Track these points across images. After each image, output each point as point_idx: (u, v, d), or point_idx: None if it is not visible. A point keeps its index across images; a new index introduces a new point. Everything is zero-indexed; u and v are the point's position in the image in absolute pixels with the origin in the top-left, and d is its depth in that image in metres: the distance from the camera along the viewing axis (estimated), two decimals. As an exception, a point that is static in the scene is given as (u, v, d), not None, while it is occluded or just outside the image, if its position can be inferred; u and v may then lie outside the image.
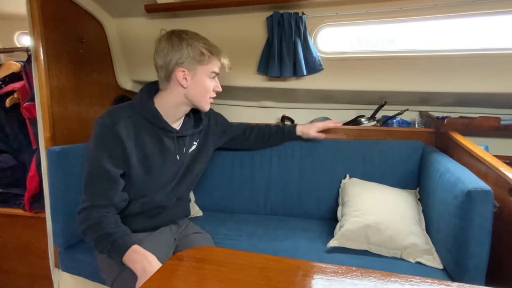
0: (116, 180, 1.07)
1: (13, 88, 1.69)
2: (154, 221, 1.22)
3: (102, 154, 1.05)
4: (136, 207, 1.16)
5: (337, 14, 1.54)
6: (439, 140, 1.55)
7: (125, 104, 1.17)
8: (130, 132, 1.09)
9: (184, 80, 1.11)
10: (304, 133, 1.57)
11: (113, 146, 1.06)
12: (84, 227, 1.02)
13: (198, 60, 1.11)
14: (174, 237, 1.26)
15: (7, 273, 1.76)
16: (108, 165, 1.05)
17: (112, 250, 0.98)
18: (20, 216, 1.65)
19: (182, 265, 0.76)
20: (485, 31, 1.48)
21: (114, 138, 1.06)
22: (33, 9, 1.37)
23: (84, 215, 1.03)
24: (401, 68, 1.59)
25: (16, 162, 1.82)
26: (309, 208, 1.62)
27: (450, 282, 0.68)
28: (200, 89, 1.15)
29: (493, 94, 1.54)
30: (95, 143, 1.07)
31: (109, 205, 1.05)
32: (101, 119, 1.09)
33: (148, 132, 1.13)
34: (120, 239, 0.99)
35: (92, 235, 1.01)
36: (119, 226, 1.03)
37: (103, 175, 1.05)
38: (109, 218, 1.03)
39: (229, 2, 1.49)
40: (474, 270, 0.98)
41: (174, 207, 1.28)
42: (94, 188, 1.05)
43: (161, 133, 1.15)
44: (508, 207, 0.95)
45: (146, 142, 1.13)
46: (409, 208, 1.31)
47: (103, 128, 1.07)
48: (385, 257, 1.20)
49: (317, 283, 0.69)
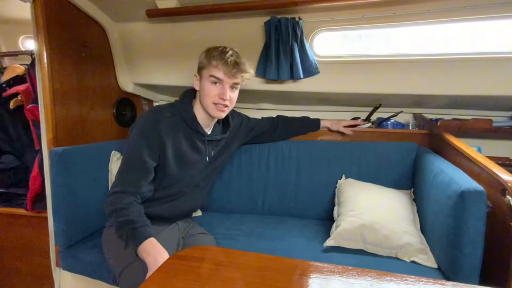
0: (149, 171, 1.15)
1: (17, 90, 1.69)
2: (171, 207, 1.27)
3: (142, 146, 1.13)
4: (160, 194, 1.23)
5: (333, 19, 1.54)
6: (432, 141, 1.55)
7: (167, 105, 1.27)
8: (170, 130, 1.18)
9: (196, 85, 1.23)
10: (333, 126, 1.64)
11: (153, 140, 1.15)
12: (111, 209, 1.07)
13: (201, 65, 1.20)
14: (182, 236, 1.29)
15: (9, 271, 1.75)
16: (146, 157, 1.13)
17: (131, 236, 1.02)
18: (22, 216, 1.64)
19: (181, 264, 0.75)
20: (477, 35, 1.49)
21: (155, 133, 1.15)
22: (37, 14, 1.37)
23: (113, 198, 1.08)
24: (395, 71, 1.59)
25: (19, 162, 1.81)
26: (306, 208, 1.62)
27: (445, 281, 0.68)
28: (202, 93, 1.21)
29: (485, 97, 1.54)
30: (138, 135, 1.15)
31: (137, 193, 1.12)
32: (146, 115, 1.20)
33: (184, 132, 1.23)
34: (141, 228, 1.03)
35: (117, 218, 1.06)
36: (142, 216, 1.08)
37: (140, 164, 1.13)
38: (135, 206, 1.08)
39: (227, 7, 1.49)
40: (468, 269, 0.97)
41: (192, 194, 1.34)
42: (129, 176, 1.12)
43: (194, 136, 1.25)
44: (501, 207, 0.95)
45: (181, 141, 1.22)
46: (404, 208, 1.30)
47: (147, 123, 1.16)
48: (381, 256, 1.19)
49: (314, 282, 0.68)
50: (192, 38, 1.73)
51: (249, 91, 1.83)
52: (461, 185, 0.98)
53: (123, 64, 1.91)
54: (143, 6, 1.59)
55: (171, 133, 1.19)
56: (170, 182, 1.24)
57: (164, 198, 1.25)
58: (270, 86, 1.76)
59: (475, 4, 1.34)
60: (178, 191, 1.28)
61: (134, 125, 1.20)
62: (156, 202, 1.23)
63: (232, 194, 1.70)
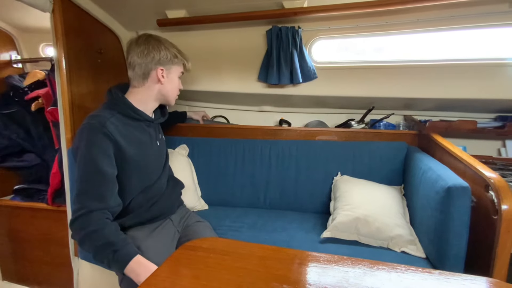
0: (112, 181, 1.00)
1: (38, 94, 1.69)
2: (153, 211, 1.17)
3: (97, 155, 0.97)
4: (137, 201, 1.12)
5: (330, 28, 1.54)
6: (421, 141, 1.55)
7: (99, 109, 1.10)
8: (119, 129, 1.05)
9: (161, 77, 1.15)
10: (194, 115, 1.80)
11: (106, 145, 0.99)
12: (82, 235, 0.92)
13: (173, 61, 1.17)
14: (177, 229, 1.25)
15: (32, 261, 1.76)
16: (104, 166, 0.97)
17: (113, 260, 0.90)
18: (43, 210, 1.65)
19: (189, 254, 0.76)
20: (463, 43, 1.49)
21: (106, 137, 1.00)
22: (56, 24, 1.37)
23: (81, 222, 0.92)
24: (387, 76, 1.59)
25: (40, 160, 1.81)
26: (305, 202, 1.62)
27: (432, 270, 0.68)
28: (173, 86, 1.21)
29: (470, 100, 1.54)
30: (88, 146, 0.98)
31: (105, 208, 0.96)
32: (87, 123, 1.01)
33: (132, 125, 1.12)
34: (122, 250, 0.91)
35: (92, 244, 0.92)
36: (119, 234, 0.95)
37: (99, 176, 0.96)
38: (109, 225, 0.94)
39: (232, 17, 1.49)
40: (454, 258, 0.98)
41: (169, 193, 1.27)
42: (90, 192, 0.95)
43: (143, 124, 1.17)
44: (484, 202, 0.95)
45: (135, 134, 1.11)
46: (395, 202, 1.31)
47: (93, 130, 0.99)
48: (373, 247, 1.20)
49: (312, 271, 0.68)
50: (200, 45, 1.74)
51: (252, 95, 1.84)
52: (447, 182, 0.99)
53: (136, 69, 1.92)
54: (154, 16, 1.60)
55: (122, 131, 1.06)
56: (140, 182, 1.12)
57: (145, 203, 1.14)
58: (271, 90, 1.77)
59: (461, 14, 1.35)
60: (154, 194, 1.18)
61: (78, 138, 1.01)
62: (139, 210, 1.13)
63: (236, 189, 1.70)
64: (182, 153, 1.72)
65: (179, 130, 1.84)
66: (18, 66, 1.94)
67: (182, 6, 1.52)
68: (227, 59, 1.77)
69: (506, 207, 0.86)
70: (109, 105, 1.11)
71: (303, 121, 1.95)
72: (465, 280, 0.64)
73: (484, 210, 0.95)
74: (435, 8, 1.34)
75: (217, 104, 2.09)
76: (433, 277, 0.66)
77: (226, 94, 1.89)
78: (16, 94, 1.76)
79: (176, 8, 1.54)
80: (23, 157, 1.81)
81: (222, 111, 2.10)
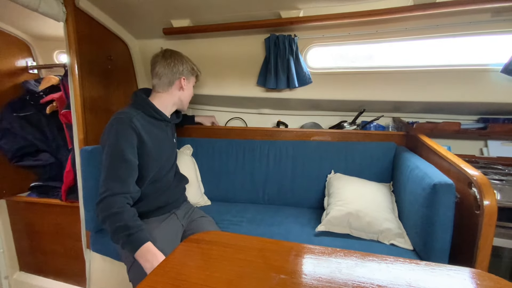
0: (134, 169, 1.07)
1: (52, 97, 1.69)
2: (160, 200, 1.21)
3: (123, 145, 1.04)
4: (148, 190, 1.16)
5: (324, 36, 1.54)
6: (409, 141, 1.55)
7: (126, 108, 1.17)
8: (142, 125, 1.13)
9: (184, 85, 1.27)
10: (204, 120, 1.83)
11: (132, 137, 1.07)
12: (104, 215, 0.98)
13: (192, 72, 1.31)
14: (182, 223, 1.26)
15: (47, 253, 1.76)
16: (129, 155, 1.05)
17: (126, 243, 0.94)
18: (57, 205, 1.65)
19: (193, 247, 0.76)
20: (448, 50, 1.49)
21: (132, 130, 1.08)
22: (69, 32, 1.37)
23: (105, 204, 0.98)
24: (377, 81, 1.59)
25: (54, 160, 1.81)
26: (300, 198, 1.62)
27: (419, 261, 0.68)
28: (189, 93, 1.34)
29: (455, 103, 1.54)
30: (116, 137, 1.05)
31: (127, 193, 1.02)
32: (117, 117, 1.09)
33: (153, 124, 1.20)
34: (136, 234, 0.95)
35: (111, 225, 0.96)
36: (136, 220, 1.00)
37: (124, 164, 1.03)
38: (128, 210, 0.99)
39: (233, 26, 1.49)
40: (439, 251, 0.98)
41: (175, 186, 1.31)
42: (116, 177, 1.02)
43: (162, 124, 1.26)
44: (468, 198, 0.95)
45: (155, 131, 1.19)
46: (384, 198, 1.31)
47: (122, 123, 1.07)
48: (364, 239, 1.20)
49: (307, 262, 0.68)
50: (203, 52, 1.73)
51: (251, 98, 1.84)
52: (433, 179, 0.99)
53: (143, 75, 1.92)
54: (160, 25, 1.60)
55: (144, 126, 1.13)
56: (154, 173, 1.17)
57: (153, 192, 1.18)
58: (269, 94, 1.76)
59: (447, 23, 1.35)
60: (162, 178, 1.22)
61: (107, 131, 1.08)
62: (149, 197, 1.17)
63: (236, 186, 1.70)
64: (187, 153, 1.72)
65: (184, 131, 1.84)
66: (33, 72, 1.94)
67: (187, 15, 1.52)
68: (228, 65, 1.77)
69: (487, 202, 0.86)
70: (134, 105, 1.20)
71: (299, 123, 1.95)
72: (449, 270, 0.64)
73: (467, 205, 0.95)
74: (422, 18, 1.34)
75: (219, 107, 2.09)
76: (419, 267, 0.66)
77: (228, 97, 1.89)
78: (32, 98, 1.76)
79: (181, 17, 1.54)
80: (38, 156, 1.81)
81: (226, 114, 2.10)
